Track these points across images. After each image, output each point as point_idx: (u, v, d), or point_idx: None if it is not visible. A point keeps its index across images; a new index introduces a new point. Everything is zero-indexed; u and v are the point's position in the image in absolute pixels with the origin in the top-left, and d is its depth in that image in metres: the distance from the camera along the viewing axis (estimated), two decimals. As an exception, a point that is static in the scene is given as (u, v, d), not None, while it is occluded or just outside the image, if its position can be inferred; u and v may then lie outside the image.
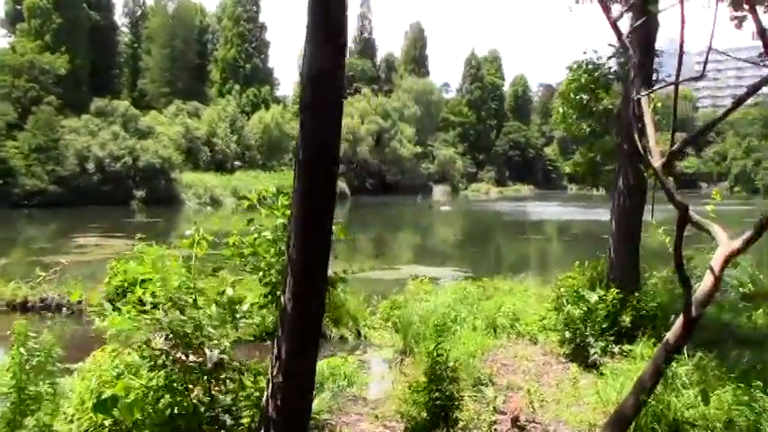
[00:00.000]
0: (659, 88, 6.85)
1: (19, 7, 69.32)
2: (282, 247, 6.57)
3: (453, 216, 58.07)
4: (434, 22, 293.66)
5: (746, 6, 5.91)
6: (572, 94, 10.52)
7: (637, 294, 10.07)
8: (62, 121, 59.03)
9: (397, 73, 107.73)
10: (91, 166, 57.45)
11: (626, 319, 9.73)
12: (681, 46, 5.69)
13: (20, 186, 52.90)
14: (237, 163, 74.22)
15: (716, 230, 7.13)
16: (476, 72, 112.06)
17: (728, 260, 6.92)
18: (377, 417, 7.25)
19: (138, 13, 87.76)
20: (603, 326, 9.60)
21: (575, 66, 10.92)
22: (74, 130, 58.86)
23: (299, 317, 4.77)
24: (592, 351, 9.11)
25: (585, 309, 9.39)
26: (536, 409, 7.44)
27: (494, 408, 7.60)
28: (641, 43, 10.20)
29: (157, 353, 5.35)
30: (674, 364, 8.13)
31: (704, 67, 5.70)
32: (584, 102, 10.33)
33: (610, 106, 10.36)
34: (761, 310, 11.59)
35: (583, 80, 10.49)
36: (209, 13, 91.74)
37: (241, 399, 5.74)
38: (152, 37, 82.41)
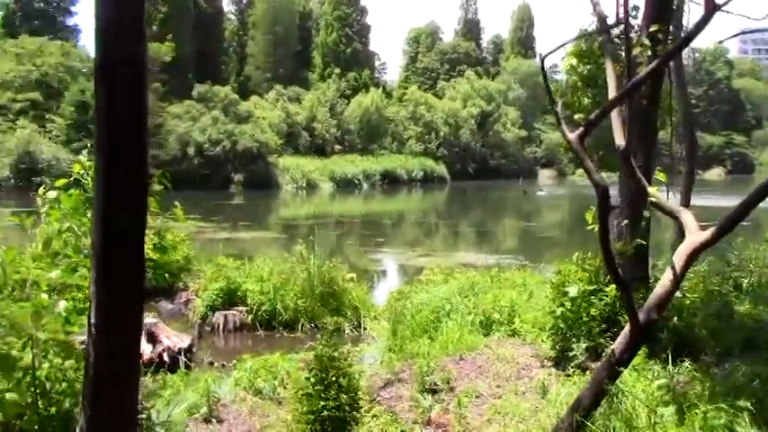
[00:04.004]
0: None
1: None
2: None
3: (546, 202, 55.74)
4: (543, 1, 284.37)
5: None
6: (574, 64, 9.20)
7: (644, 290, 8.68)
8: (166, 107, 60.89)
9: (503, 55, 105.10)
10: (191, 150, 58.98)
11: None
12: None
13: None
14: (338, 147, 74.35)
15: (684, 217, 5.88)
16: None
17: (695, 254, 5.69)
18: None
19: (244, 0, 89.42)
20: (603, 325, 8.36)
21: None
22: (176, 115, 60.55)
23: (107, 327, 3.94)
24: (571, 354, 7.90)
25: (570, 304, 8.15)
26: (466, 425, 6.37)
27: (428, 419, 6.64)
28: (655, 5, 8.82)
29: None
30: (649, 376, 6.92)
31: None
32: (586, 72, 8.99)
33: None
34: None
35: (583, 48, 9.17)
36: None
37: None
38: (256, 24, 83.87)
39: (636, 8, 9.23)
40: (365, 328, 11.68)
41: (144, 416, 5.38)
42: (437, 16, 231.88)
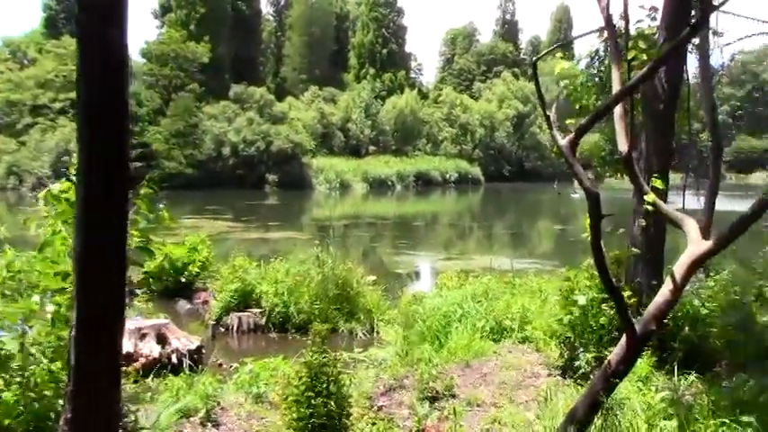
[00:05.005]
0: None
1: (171, -2, 72.91)
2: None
3: (581, 204, 54.94)
4: (581, 3, 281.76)
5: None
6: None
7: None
8: (203, 107, 61.59)
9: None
10: (226, 150, 59.57)
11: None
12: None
13: (160, 169, 55.21)
14: (372, 148, 74.47)
15: (688, 225, 5.72)
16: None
17: (697, 264, 5.52)
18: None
19: (282, 2, 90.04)
20: (614, 334, 8.15)
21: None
22: (212, 116, 61.18)
23: (87, 325, 3.92)
24: (576, 364, 7.73)
25: (579, 313, 7.97)
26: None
27: (423, 427, 6.53)
28: (674, 6, 8.60)
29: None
30: (651, 389, 6.73)
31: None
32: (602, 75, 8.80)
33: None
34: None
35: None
36: (350, 0, 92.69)
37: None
38: (293, 25, 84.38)
39: (654, 8, 9.03)
40: (378, 332, 11.59)
41: (131, 418, 5.36)
42: (475, 17, 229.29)
